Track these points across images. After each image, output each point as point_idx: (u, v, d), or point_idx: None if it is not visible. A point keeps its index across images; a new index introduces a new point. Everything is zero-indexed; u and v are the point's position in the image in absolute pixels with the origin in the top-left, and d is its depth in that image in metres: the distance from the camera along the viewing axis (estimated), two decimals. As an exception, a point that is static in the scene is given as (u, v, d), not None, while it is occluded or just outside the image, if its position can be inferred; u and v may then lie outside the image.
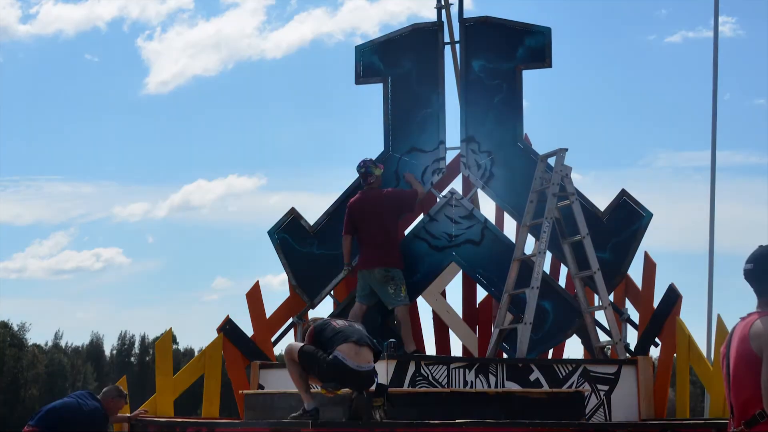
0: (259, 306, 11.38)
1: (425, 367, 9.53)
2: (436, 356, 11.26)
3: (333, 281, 11.39)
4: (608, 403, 10.19)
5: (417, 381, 9.44)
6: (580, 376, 10.12)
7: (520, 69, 11.39)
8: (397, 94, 11.64)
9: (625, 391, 10.28)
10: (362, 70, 11.79)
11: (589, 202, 11.02)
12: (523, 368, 9.89)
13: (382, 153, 11.60)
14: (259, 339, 11.31)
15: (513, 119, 11.35)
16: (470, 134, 11.45)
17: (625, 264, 10.98)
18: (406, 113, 11.53)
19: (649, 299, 10.97)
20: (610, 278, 10.83)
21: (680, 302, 10.72)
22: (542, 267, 10.50)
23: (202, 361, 11.25)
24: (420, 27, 11.72)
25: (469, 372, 9.70)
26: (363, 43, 11.81)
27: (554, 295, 10.98)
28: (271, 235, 11.45)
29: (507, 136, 11.32)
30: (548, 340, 11.01)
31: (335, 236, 11.30)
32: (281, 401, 9.50)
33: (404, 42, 11.69)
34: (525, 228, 10.85)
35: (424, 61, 11.62)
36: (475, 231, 11.24)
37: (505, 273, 10.93)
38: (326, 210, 11.53)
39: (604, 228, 10.94)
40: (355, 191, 11.30)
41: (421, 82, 11.58)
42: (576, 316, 10.88)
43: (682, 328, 10.54)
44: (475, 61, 11.46)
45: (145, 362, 71.31)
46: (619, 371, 10.30)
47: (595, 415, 10.12)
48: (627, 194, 11.02)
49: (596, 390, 10.16)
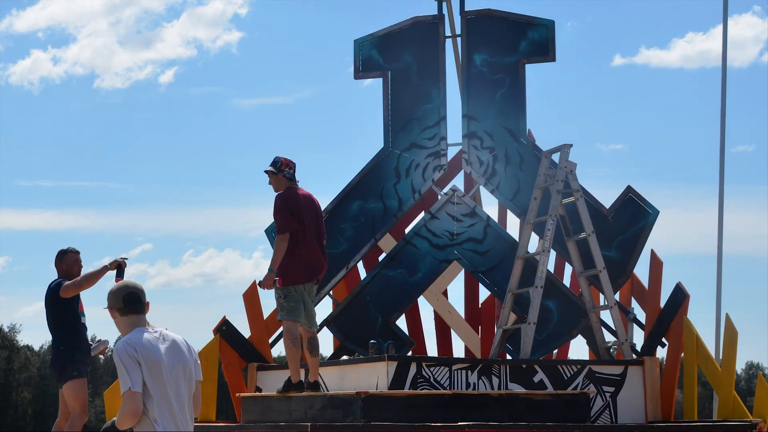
0: (256, 306, 11.37)
1: (427, 368, 9.53)
2: (437, 357, 11.26)
3: (332, 281, 11.39)
4: (614, 404, 10.19)
5: (418, 383, 9.44)
6: (585, 377, 10.11)
7: (523, 63, 11.39)
8: (397, 89, 11.64)
9: (632, 393, 10.28)
10: (361, 65, 11.79)
11: (594, 200, 11.02)
12: (526, 369, 9.89)
13: (382, 149, 11.61)
14: (257, 340, 11.30)
15: (516, 114, 11.34)
16: (472, 130, 11.45)
17: (631, 262, 10.97)
18: (406, 108, 11.53)
19: (656, 298, 10.97)
20: (615, 277, 10.83)
21: (687, 301, 10.72)
22: (546, 265, 10.50)
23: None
24: (420, 20, 11.72)
25: (472, 373, 9.70)
26: (362, 36, 11.80)
27: (559, 294, 10.98)
28: (269, 234, 11.44)
29: (510, 131, 11.31)
30: (553, 340, 11.01)
31: (334, 235, 11.31)
32: (279, 404, 9.50)
33: (404, 35, 11.69)
34: (529, 226, 10.85)
35: (425, 55, 11.62)
36: (478, 229, 11.24)
37: (508, 272, 10.92)
38: (324, 208, 11.52)
39: (610, 226, 10.94)
40: (355, 187, 11.37)
41: (421, 76, 11.58)
42: (581, 316, 10.88)
43: (689, 328, 10.54)
44: (477, 54, 11.46)
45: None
46: (625, 372, 10.30)
47: (601, 417, 10.11)
48: (633, 191, 11.01)
49: (602, 391, 10.16)
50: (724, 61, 13.18)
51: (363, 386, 9.24)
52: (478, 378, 9.69)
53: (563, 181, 10.64)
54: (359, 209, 11.49)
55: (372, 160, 11.61)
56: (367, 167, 11.60)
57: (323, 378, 10.00)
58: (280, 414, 9.47)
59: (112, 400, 11.01)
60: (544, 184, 10.80)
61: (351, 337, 11.26)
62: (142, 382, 5.05)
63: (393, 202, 11.50)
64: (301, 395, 9.20)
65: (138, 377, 5.04)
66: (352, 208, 11.50)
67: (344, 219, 11.48)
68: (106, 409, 11.09)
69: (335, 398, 8.98)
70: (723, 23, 13.29)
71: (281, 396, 9.35)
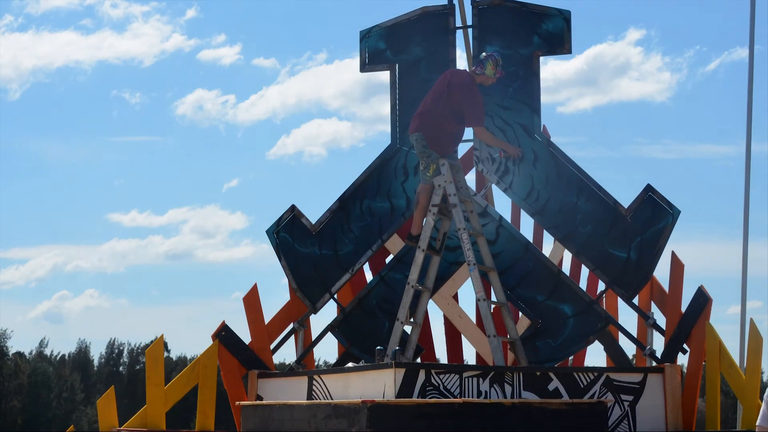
0: (257, 311, 11.38)
1: (436, 376, 9.52)
2: (447, 364, 11.25)
3: (336, 284, 11.39)
4: (633, 414, 10.18)
5: (427, 391, 9.43)
6: (602, 385, 10.10)
7: (538, 55, 11.37)
8: (405, 83, 11.64)
9: (651, 402, 10.27)
10: (368, 57, 11.79)
11: (611, 198, 11.00)
12: (541, 377, 9.88)
13: (389, 146, 11.60)
14: (258, 346, 11.31)
15: (530, 110, 11.33)
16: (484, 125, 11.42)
17: (651, 265, 10.94)
18: (414, 103, 11.52)
19: (677, 302, 10.95)
20: (634, 280, 10.82)
21: (710, 306, 10.70)
22: (478, 279, 10.47)
23: (196, 370, 11.24)
24: (430, 10, 11.71)
25: (483, 381, 9.69)
26: (368, 27, 11.80)
27: (575, 298, 10.96)
28: (270, 234, 11.44)
29: (523, 127, 11.30)
30: (568, 346, 11.00)
31: (338, 236, 11.31)
32: (280, 413, 9.51)
33: (413, 26, 11.68)
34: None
35: (435, 47, 11.61)
36: (490, 229, 11.23)
37: (520, 274, 10.92)
38: (329, 207, 11.53)
39: (629, 226, 10.92)
40: (361, 186, 11.39)
41: (431, 69, 11.57)
42: (598, 321, 10.86)
43: (712, 334, 10.52)
44: (489, 46, 11.44)
45: (135, 371, 71.42)
46: (644, 380, 10.29)
47: (619, 427, 10.10)
48: (653, 190, 10.99)
49: (620, 400, 10.15)
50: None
51: (369, 394, 9.24)
52: (490, 386, 9.68)
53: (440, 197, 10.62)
54: (365, 209, 11.49)
55: (379, 157, 11.60)
56: (373, 165, 11.59)
57: (327, 385, 10.01)
58: (281, 423, 9.47)
59: (105, 409, 11.03)
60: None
61: (356, 343, 11.26)
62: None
63: (401, 201, 11.49)
64: (303, 404, 9.20)
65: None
66: (358, 208, 11.49)
67: (350, 219, 11.47)
68: (99, 420, 11.09)
69: (340, 407, 8.98)
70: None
71: (282, 405, 9.35)
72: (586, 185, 11.01)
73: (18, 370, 64.41)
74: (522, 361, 10.48)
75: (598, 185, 10.98)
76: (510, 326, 10.66)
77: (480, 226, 10.85)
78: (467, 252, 10.34)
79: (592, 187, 11.00)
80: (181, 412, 18.09)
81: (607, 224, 10.92)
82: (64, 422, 55.48)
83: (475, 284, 10.36)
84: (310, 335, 11.59)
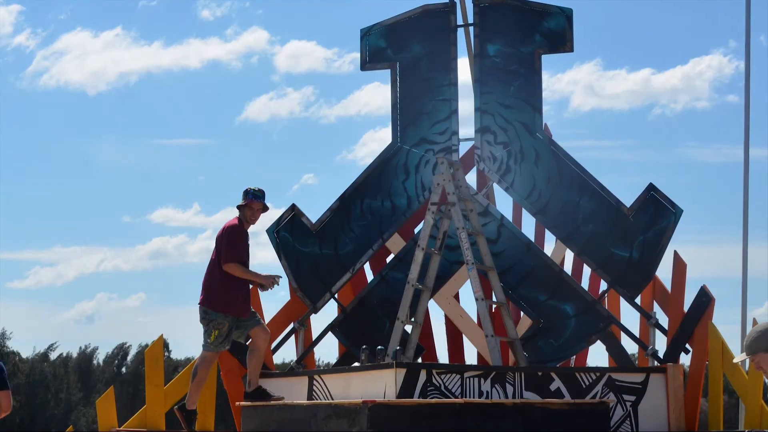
0: (257, 310, 11.36)
1: (437, 376, 9.52)
2: (448, 364, 11.25)
3: (337, 283, 11.39)
4: (635, 414, 10.18)
5: (428, 391, 9.43)
6: (604, 385, 10.10)
7: (539, 53, 11.37)
8: (406, 81, 11.64)
9: (654, 402, 10.27)
10: (368, 56, 11.79)
11: (614, 198, 11.00)
12: (543, 377, 9.89)
13: (389, 145, 11.60)
14: (258, 346, 11.29)
15: (531, 108, 11.32)
16: (485, 124, 11.43)
17: (654, 264, 10.94)
18: (415, 102, 11.53)
19: (679, 302, 10.95)
20: (636, 279, 10.82)
21: (713, 305, 10.70)
22: (477, 279, 10.48)
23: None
24: (431, 8, 11.71)
25: (485, 381, 9.69)
26: (369, 25, 11.79)
27: (576, 298, 10.97)
28: (270, 233, 11.44)
29: (525, 126, 11.30)
30: (570, 346, 11.00)
31: (339, 235, 11.31)
32: (280, 414, 9.51)
33: (414, 25, 11.68)
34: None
35: (436, 46, 11.61)
36: (491, 229, 11.23)
37: (523, 273, 10.92)
38: (330, 206, 11.53)
39: (631, 225, 10.92)
40: (361, 185, 11.37)
41: (432, 67, 11.57)
42: (600, 321, 10.86)
43: (714, 334, 10.52)
44: (491, 45, 11.45)
45: (136, 372, 71.38)
46: (647, 380, 10.29)
47: (621, 427, 10.11)
48: (655, 189, 10.99)
49: (622, 400, 10.15)
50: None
51: (370, 395, 9.24)
52: (492, 386, 9.68)
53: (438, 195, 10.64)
54: (366, 208, 11.49)
55: (379, 156, 11.61)
56: (374, 164, 11.59)
57: (327, 385, 10.02)
58: (281, 423, 9.47)
59: (105, 410, 11.03)
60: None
61: (357, 342, 11.26)
62: None
63: (401, 200, 11.49)
64: (304, 404, 9.20)
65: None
66: (359, 207, 11.49)
67: (350, 218, 11.48)
68: (99, 420, 11.10)
69: (340, 407, 8.98)
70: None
71: (283, 405, 9.35)
72: (588, 184, 11.01)
73: (17, 370, 64.43)
74: (520, 361, 10.48)
75: (600, 184, 10.99)
76: (509, 326, 10.66)
77: (479, 225, 10.86)
78: (466, 251, 10.34)
79: (594, 186, 11.00)
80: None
81: (610, 223, 10.92)
82: (64, 422, 55.53)
83: (473, 284, 10.37)
84: (310, 335, 11.58)
